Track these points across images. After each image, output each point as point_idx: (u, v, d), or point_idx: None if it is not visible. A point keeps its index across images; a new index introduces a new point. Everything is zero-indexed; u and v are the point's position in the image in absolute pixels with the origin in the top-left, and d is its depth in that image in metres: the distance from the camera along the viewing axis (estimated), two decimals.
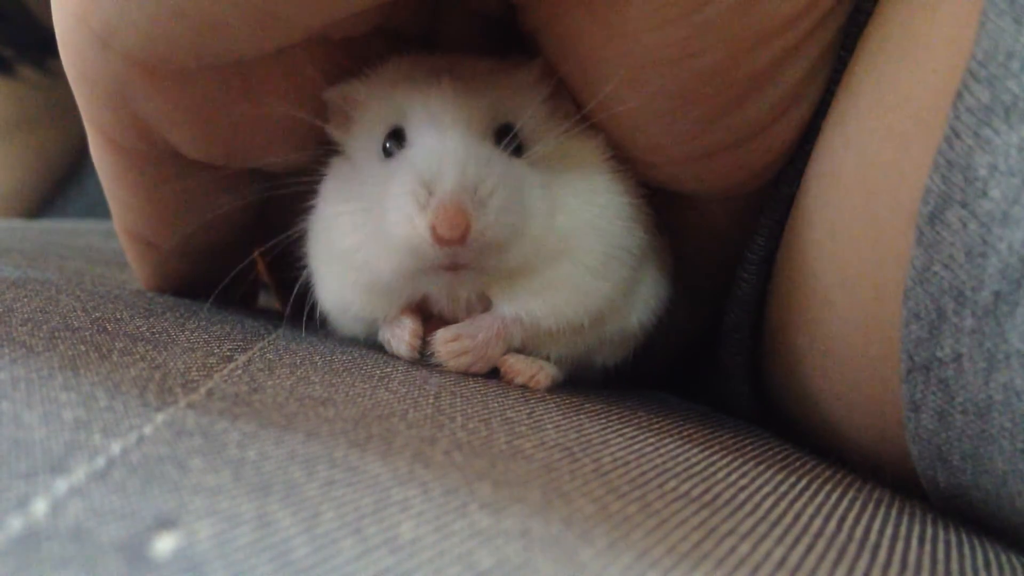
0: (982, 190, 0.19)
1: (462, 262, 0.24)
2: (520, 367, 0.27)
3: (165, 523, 0.13)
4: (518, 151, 0.26)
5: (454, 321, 0.27)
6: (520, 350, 0.27)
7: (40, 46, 0.25)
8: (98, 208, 0.31)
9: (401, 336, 0.27)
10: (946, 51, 0.21)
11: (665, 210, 0.29)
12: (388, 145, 0.26)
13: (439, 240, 0.23)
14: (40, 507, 0.13)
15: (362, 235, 0.26)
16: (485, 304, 0.26)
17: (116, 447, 0.15)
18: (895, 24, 0.24)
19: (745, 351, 0.31)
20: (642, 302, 0.29)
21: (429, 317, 0.27)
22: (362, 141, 0.27)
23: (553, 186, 0.26)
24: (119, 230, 0.30)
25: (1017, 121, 0.19)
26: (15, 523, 0.13)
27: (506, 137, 0.25)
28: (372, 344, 0.28)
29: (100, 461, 0.15)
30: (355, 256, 0.26)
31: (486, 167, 0.24)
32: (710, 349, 0.34)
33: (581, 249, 0.26)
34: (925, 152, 0.21)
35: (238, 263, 0.29)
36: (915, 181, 0.21)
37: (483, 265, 0.25)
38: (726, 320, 0.31)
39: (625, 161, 0.27)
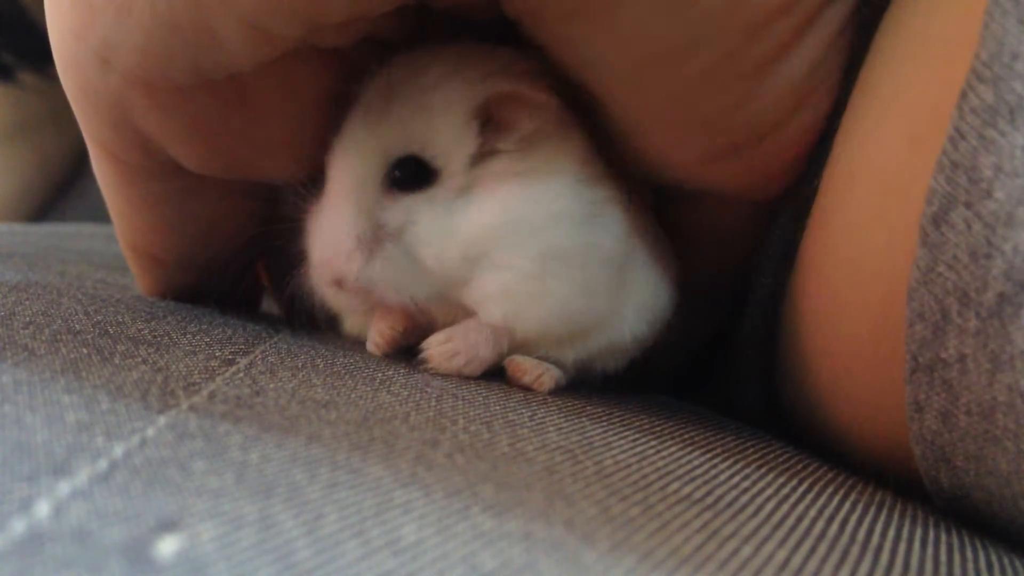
0: (987, 191, 0.19)
1: (365, 299, 0.27)
2: (527, 366, 0.27)
3: (168, 525, 0.13)
4: (428, 176, 0.26)
5: (444, 324, 0.27)
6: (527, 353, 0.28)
7: (41, 52, 0.25)
8: (99, 212, 0.31)
9: (371, 336, 0.28)
10: (951, 51, 0.21)
11: (673, 212, 0.29)
12: None
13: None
14: (43, 509, 0.13)
15: None
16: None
17: (119, 449, 0.15)
18: (908, 22, 0.24)
19: (765, 355, 0.31)
20: (634, 310, 0.28)
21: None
22: None
23: (480, 197, 0.26)
24: (123, 244, 0.30)
25: (1022, 122, 0.19)
26: (18, 525, 0.13)
27: (410, 166, 0.26)
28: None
29: (103, 463, 0.15)
30: None
31: (364, 227, 0.26)
32: (723, 351, 0.34)
33: (510, 253, 0.26)
34: (934, 153, 0.21)
35: (243, 273, 0.30)
36: (925, 182, 0.21)
37: (392, 296, 0.26)
38: (745, 324, 0.31)
39: (611, 163, 0.27)
